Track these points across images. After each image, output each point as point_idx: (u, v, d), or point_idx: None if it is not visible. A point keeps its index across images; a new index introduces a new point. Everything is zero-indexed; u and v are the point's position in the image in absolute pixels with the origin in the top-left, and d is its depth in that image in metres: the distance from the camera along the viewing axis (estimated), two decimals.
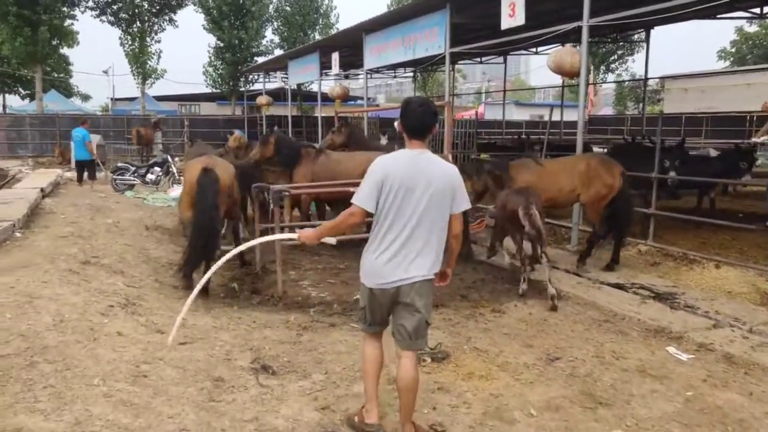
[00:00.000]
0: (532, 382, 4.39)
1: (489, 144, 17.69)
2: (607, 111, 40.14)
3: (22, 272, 5.49)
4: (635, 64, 38.35)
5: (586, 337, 5.36)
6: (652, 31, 17.81)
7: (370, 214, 3.36)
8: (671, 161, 9.50)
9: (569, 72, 9.48)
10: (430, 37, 12.59)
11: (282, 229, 6.79)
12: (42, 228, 7.92)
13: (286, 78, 23.54)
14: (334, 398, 4.02)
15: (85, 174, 14.98)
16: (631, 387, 4.33)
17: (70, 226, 8.19)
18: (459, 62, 25.44)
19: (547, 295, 6.80)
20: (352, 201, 3.32)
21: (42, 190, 11.07)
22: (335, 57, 17.08)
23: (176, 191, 14.00)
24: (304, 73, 20.92)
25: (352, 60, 20.50)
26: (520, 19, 10.03)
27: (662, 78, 35.27)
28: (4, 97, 41.21)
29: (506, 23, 10.33)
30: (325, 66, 19.35)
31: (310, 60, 19.87)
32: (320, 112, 19.62)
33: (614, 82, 36.42)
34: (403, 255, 3.25)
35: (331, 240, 3.83)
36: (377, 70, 17.98)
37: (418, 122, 3.30)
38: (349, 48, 18.03)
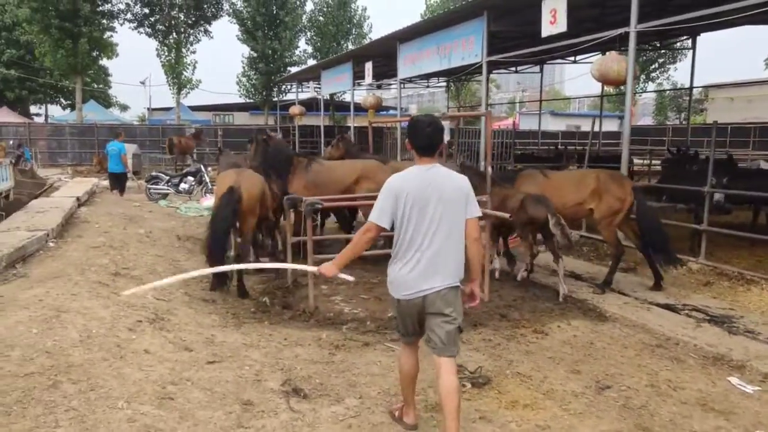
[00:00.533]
0: (581, 413, 4.06)
1: (526, 155, 17.29)
2: (645, 121, 39.15)
3: (53, 283, 5.39)
4: (677, 73, 37.43)
5: (638, 364, 4.99)
6: (698, 37, 17.24)
7: (385, 229, 3.46)
8: (719, 177, 8.96)
9: (615, 80, 9.10)
10: (467, 45, 12.34)
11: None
12: (75, 237, 7.88)
13: (319, 88, 23.55)
14: (369, 426, 3.77)
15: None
16: (693, 422, 3.96)
17: (102, 235, 8.15)
18: (494, 71, 25.06)
19: (591, 315, 6.49)
20: (369, 218, 3.46)
21: (78, 199, 11.14)
22: (368, 66, 16.95)
23: (209, 200, 13.99)
24: (336, 83, 20.86)
25: (384, 70, 20.39)
26: (561, 26, 9.70)
27: (707, 87, 34.26)
28: (46, 107, 42.41)
29: (547, 30, 10.01)
30: (357, 76, 19.24)
31: (343, 69, 19.80)
32: (353, 122, 19.49)
33: (658, 91, 35.48)
34: (424, 266, 3.37)
35: (349, 278, 4.00)
36: (410, 80, 17.77)
37: (428, 141, 3.43)
38: (382, 57, 17.91)
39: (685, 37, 17.57)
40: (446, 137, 14.32)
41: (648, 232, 7.31)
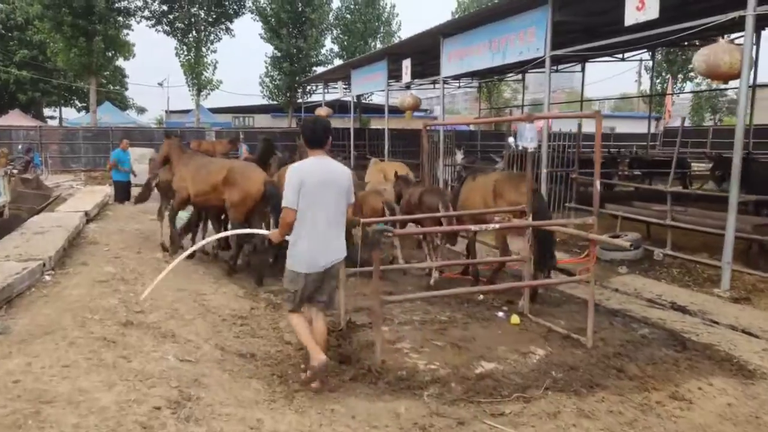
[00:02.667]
0: None
1: (587, 160, 15.65)
2: (679, 122, 37.14)
3: (40, 346, 3.97)
4: None
5: None
6: (763, 32, 15.54)
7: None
8: None
9: (726, 74, 7.55)
10: (525, 38, 10.81)
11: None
12: (79, 266, 6.50)
13: (347, 88, 22.12)
14: None
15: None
16: None
17: (112, 263, 6.75)
18: (531, 71, 23.46)
19: (731, 369, 5.03)
20: (283, 205, 4.10)
21: (86, 213, 9.81)
22: (407, 64, 15.48)
23: None
24: (368, 83, 19.39)
25: (420, 69, 18.92)
26: (651, 13, 8.20)
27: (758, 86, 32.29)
28: (60, 109, 41.44)
29: (632, 17, 8.48)
30: (391, 75, 17.78)
31: (376, 68, 18.35)
32: (387, 124, 18.00)
33: (708, 90, 33.46)
34: (322, 242, 4.12)
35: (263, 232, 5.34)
36: (448, 80, 16.19)
37: (314, 136, 4.19)
38: (418, 55, 16.42)
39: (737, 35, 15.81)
40: (512, 143, 12.76)
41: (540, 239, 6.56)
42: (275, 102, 31.37)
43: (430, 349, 5.32)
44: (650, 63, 35.31)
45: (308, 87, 29.43)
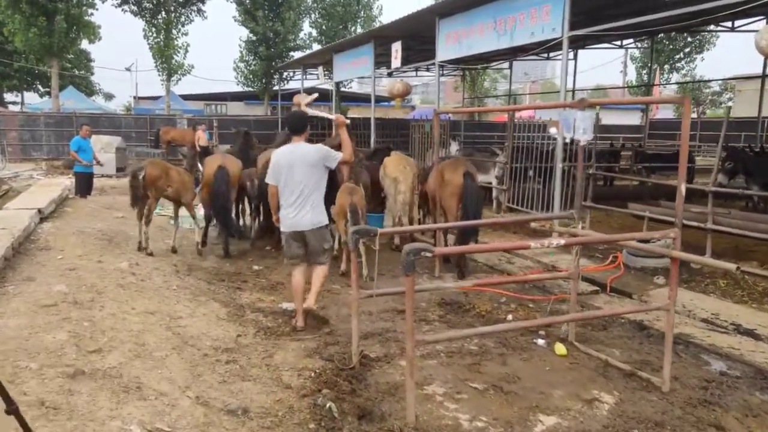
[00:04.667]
0: None
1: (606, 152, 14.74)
2: (664, 114, 36.70)
3: None
4: (703, 63, 35.09)
5: None
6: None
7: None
8: None
9: None
10: (539, 17, 9.75)
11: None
12: (22, 283, 5.23)
13: (328, 75, 20.81)
14: None
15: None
16: None
17: (65, 277, 5.50)
18: (517, 58, 22.50)
19: None
20: (267, 181, 5.38)
21: (40, 211, 8.44)
22: (397, 48, 14.31)
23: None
24: (353, 68, 18.14)
25: (408, 53, 17.73)
26: None
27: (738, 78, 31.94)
28: (22, 94, 39.17)
29: None
30: (377, 61, 16.57)
31: (361, 53, 17.13)
32: (374, 113, 16.78)
33: (693, 82, 32.97)
34: (298, 211, 5.18)
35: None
36: (444, 64, 14.89)
37: (292, 126, 5.39)
38: (408, 38, 15.24)
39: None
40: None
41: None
42: (251, 89, 29.78)
43: (469, 394, 4.22)
44: (636, 53, 35.09)
45: (285, 73, 27.95)
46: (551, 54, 21.07)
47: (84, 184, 12.26)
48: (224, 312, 5.63)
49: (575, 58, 21.40)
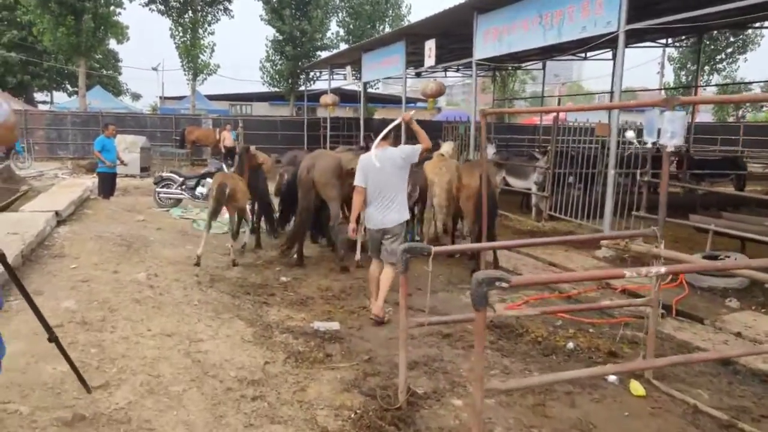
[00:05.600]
0: None
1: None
2: (703, 117, 35.37)
3: None
4: (746, 64, 33.70)
5: None
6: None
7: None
8: None
9: None
10: (591, 9, 8.98)
11: None
12: (32, 294, 4.69)
13: (356, 75, 20.21)
14: None
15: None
16: None
17: (75, 290, 4.96)
18: (551, 58, 21.62)
19: None
20: (355, 183, 5.63)
21: (57, 213, 7.98)
22: (430, 45, 13.60)
23: None
24: (383, 68, 17.47)
25: (441, 52, 17.02)
26: None
27: None
28: (51, 94, 39.38)
29: None
30: (408, 60, 15.88)
31: (392, 51, 16.46)
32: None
33: (733, 83, 31.64)
34: (383, 209, 5.51)
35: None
36: (483, 63, 14.08)
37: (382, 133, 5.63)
38: (441, 36, 14.54)
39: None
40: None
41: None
42: (276, 89, 29.35)
43: None
44: (674, 54, 33.88)
45: (312, 74, 27.44)
46: (589, 54, 20.26)
47: (107, 185, 11.86)
48: (250, 333, 5.03)
49: (614, 57, 20.55)
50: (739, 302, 6.47)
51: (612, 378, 4.56)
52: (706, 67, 31.56)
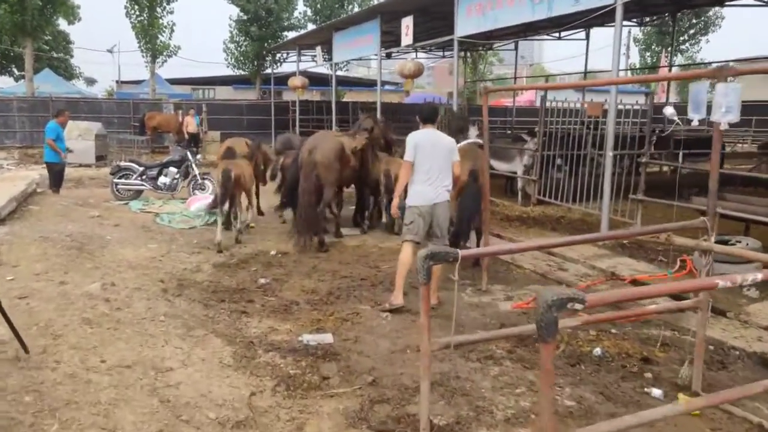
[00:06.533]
0: None
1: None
2: (671, 98, 35.43)
3: None
4: (709, 45, 33.84)
5: None
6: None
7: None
8: None
9: None
10: None
11: None
12: None
13: (327, 55, 19.22)
14: None
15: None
16: None
17: (11, 311, 4.03)
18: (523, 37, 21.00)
19: None
20: (404, 158, 5.55)
21: None
22: (407, 22, 12.76)
23: (200, 202, 9.88)
24: (356, 48, 16.52)
25: (415, 31, 16.20)
26: None
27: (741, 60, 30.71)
28: None
29: None
30: (384, 39, 15.02)
31: (365, 30, 15.54)
32: (380, 97, 15.24)
33: (694, 64, 31.75)
34: (433, 185, 5.42)
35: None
36: (464, 40, 13.27)
37: (426, 115, 5.62)
38: (418, 13, 13.72)
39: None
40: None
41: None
42: (242, 71, 28.01)
43: None
44: (639, 35, 33.88)
45: (278, 55, 26.24)
46: (563, 33, 19.81)
47: (58, 177, 10.75)
48: (229, 353, 4.21)
49: (587, 38, 20.24)
50: (758, 291, 5.97)
51: (656, 393, 3.94)
52: (670, 48, 31.62)
